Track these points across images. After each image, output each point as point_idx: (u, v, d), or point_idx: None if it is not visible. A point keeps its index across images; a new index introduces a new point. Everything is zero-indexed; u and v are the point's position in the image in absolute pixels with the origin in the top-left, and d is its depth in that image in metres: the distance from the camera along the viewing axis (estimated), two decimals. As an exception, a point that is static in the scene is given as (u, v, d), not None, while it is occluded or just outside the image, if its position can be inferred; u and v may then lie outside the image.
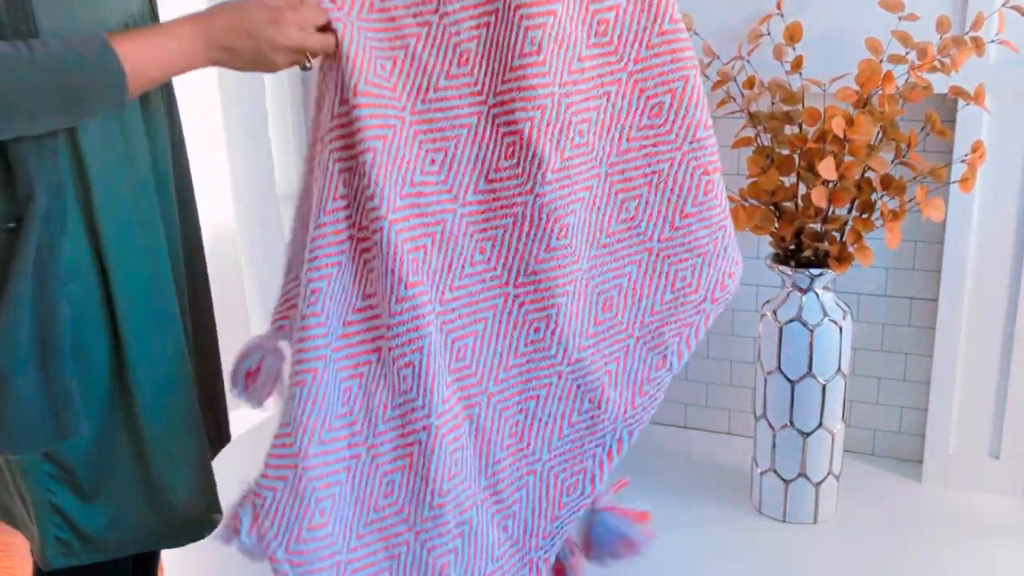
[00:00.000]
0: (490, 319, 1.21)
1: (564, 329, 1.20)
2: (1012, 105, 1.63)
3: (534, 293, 1.20)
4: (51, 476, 1.23)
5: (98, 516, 1.26)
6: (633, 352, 1.24)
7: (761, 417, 1.72)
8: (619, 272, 1.22)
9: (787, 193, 1.63)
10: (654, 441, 2.05)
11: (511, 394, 1.23)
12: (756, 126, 1.67)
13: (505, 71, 1.12)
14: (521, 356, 1.21)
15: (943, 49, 1.52)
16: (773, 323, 1.66)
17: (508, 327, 1.21)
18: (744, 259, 1.95)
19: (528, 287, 1.20)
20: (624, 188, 1.20)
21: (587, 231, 1.19)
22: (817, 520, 1.73)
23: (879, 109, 1.53)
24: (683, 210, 1.25)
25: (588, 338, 1.22)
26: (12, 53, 0.99)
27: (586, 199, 1.18)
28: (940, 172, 1.59)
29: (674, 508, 1.79)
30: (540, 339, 1.21)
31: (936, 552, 1.65)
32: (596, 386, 1.23)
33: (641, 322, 1.23)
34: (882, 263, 1.84)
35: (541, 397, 1.24)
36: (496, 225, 1.18)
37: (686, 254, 1.27)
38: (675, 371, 1.27)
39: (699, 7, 1.74)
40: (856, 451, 1.96)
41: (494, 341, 1.22)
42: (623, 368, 1.24)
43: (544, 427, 1.25)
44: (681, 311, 1.26)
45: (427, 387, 1.15)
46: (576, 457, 1.25)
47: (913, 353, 1.88)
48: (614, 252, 1.22)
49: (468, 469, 1.23)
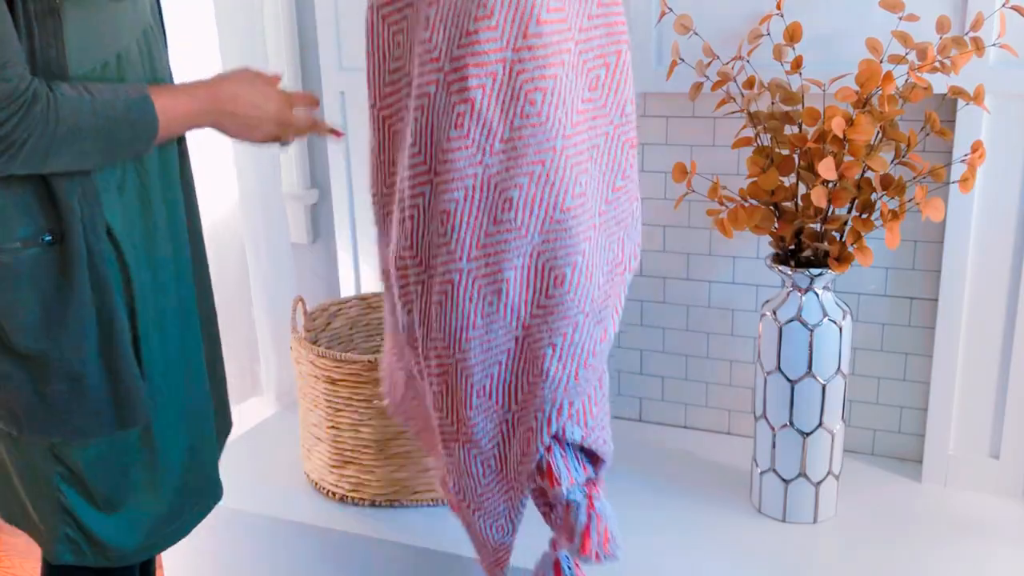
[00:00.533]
0: (449, 293, 1.22)
1: (515, 301, 1.22)
2: (1012, 105, 1.63)
3: (485, 267, 1.21)
4: (62, 478, 1.26)
5: (110, 525, 1.29)
6: (582, 327, 1.24)
7: (761, 417, 1.72)
8: (574, 249, 1.21)
9: (787, 193, 1.63)
10: (654, 441, 2.05)
11: (475, 362, 1.25)
12: (756, 126, 1.68)
13: (460, 37, 1.13)
14: (479, 328, 1.23)
15: (943, 49, 1.52)
16: (773, 323, 1.66)
17: (466, 301, 1.22)
18: (744, 259, 1.98)
19: (479, 261, 1.21)
20: (578, 162, 1.19)
21: (538, 207, 1.18)
22: (817, 520, 1.73)
23: (879, 109, 1.53)
24: (614, 183, 1.27)
25: (538, 309, 1.23)
26: (77, 97, 1.08)
27: (537, 172, 1.17)
28: (940, 172, 1.59)
29: (674, 508, 1.79)
30: (494, 311, 1.22)
31: (936, 552, 1.65)
32: (539, 355, 1.24)
33: (592, 298, 1.23)
34: (882, 263, 1.84)
35: (503, 362, 1.26)
36: (449, 199, 1.19)
37: (616, 227, 1.29)
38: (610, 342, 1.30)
39: (699, 7, 1.74)
40: (856, 451, 1.96)
41: (454, 313, 1.23)
42: (570, 342, 1.24)
43: (509, 385, 1.28)
44: (616, 281, 1.29)
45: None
46: (526, 416, 1.27)
47: (913, 353, 1.88)
48: (568, 229, 1.20)
49: (448, 415, 1.33)
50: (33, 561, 2.26)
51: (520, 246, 1.20)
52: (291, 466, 1.99)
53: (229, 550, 1.90)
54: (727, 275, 1.99)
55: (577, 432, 1.27)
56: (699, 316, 2.03)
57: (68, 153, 1.10)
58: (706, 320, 2.03)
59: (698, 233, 1.98)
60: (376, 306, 2.13)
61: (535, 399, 1.26)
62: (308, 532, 1.79)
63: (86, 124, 1.09)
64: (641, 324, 2.08)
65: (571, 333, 1.23)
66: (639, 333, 2.08)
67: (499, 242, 1.19)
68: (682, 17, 1.71)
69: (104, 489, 1.27)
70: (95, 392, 1.20)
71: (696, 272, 2.01)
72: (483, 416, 1.29)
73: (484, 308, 1.23)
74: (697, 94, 1.72)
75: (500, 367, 1.27)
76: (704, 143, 1.92)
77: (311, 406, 1.85)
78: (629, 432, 2.10)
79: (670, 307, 2.05)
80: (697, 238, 1.98)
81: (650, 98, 1.94)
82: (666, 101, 1.93)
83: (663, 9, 1.75)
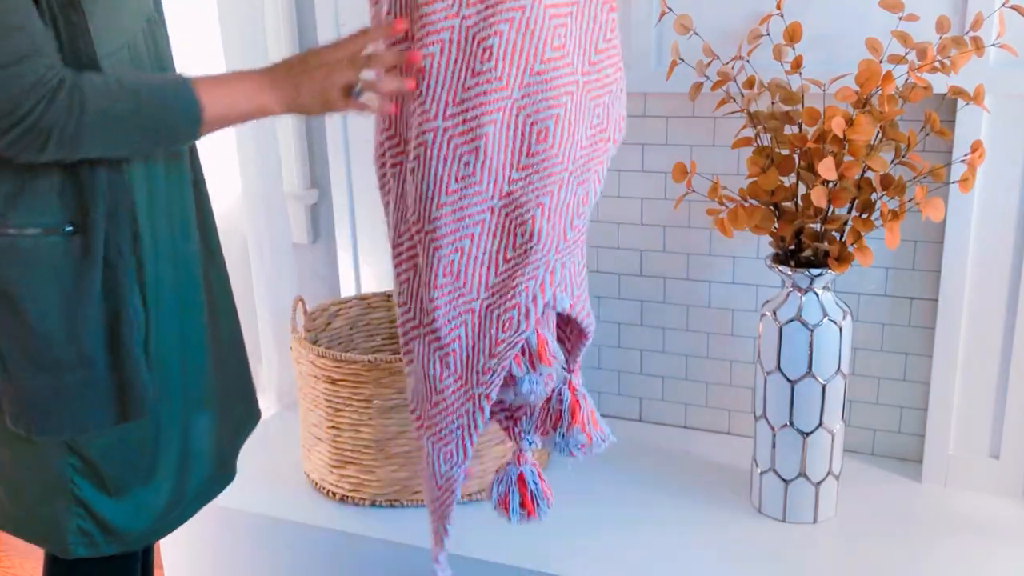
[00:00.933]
0: (422, 156, 1.19)
1: (493, 161, 1.18)
2: (1012, 105, 1.63)
3: (462, 124, 1.17)
4: (75, 469, 1.28)
5: (120, 511, 1.31)
6: (567, 185, 1.22)
7: (761, 417, 1.72)
8: (556, 102, 1.18)
9: (787, 193, 1.63)
10: (654, 441, 2.06)
11: (445, 233, 1.22)
12: (756, 126, 1.68)
13: None
14: (452, 194, 1.20)
15: (943, 49, 1.52)
16: (773, 323, 1.66)
17: (439, 163, 1.18)
18: (744, 259, 1.98)
19: (456, 119, 1.17)
20: (557, 14, 1.18)
21: (518, 56, 1.16)
22: (817, 520, 1.73)
23: (879, 109, 1.53)
24: (597, 45, 1.24)
25: (520, 170, 1.20)
26: (103, 83, 1.10)
27: (517, 19, 1.15)
28: (940, 172, 1.59)
29: (674, 508, 1.79)
30: (470, 174, 1.19)
31: (936, 552, 1.65)
32: (528, 219, 1.21)
33: (574, 156, 1.22)
34: (882, 263, 1.84)
35: (475, 235, 1.22)
36: (425, 55, 1.16)
37: (601, 91, 1.26)
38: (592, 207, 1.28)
39: (699, 7, 1.74)
40: (856, 451, 1.96)
41: (427, 178, 1.20)
42: (558, 201, 1.22)
43: (480, 265, 1.24)
44: (599, 147, 1.27)
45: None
46: (511, 293, 1.23)
47: (913, 353, 1.88)
48: (549, 81, 1.18)
49: (411, 304, 1.28)
50: (33, 561, 2.26)
51: (500, 100, 1.16)
52: (291, 466, 1.99)
53: (229, 550, 1.90)
54: (727, 275, 1.99)
55: (565, 300, 1.25)
56: (699, 316, 2.03)
57: (100, 139, 1.11)
58: (706, 320, 2.03)
59: (698, 233, 1.98)
60: (376, 306, 2.14)
61: (522, 269, 1.22)
62: (308, 532, 1.79)
63: (116, 110, 1.10)
64: (641, 324, 2.08)
65: (557, 191, 1.21)
66: (639, 333, 2.09)
67: (477, 95, 1.16)
68: (682, 17, 1.71)
69: (114, 476, 1.28)
70: (104, 383, 1.22)
71: (696, 272, 2.01)
72: (447, 299, 1.24)
73: (459, 170, 1.18)
74: (697, 94, 1.72)
75: (471, 242, 1.22)
76: (704, 143, 1.92)
77: (311, 406, 1.85)
78: (629, 432, 2.10)
79: (670, 307, 2.05)
80: (697, 238, 1.98)
81: (650, 98, 1.94)
82: (666, 101, 1.93)
83: (663, 9, 1.75)
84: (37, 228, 1.15)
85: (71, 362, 1.20)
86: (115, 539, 1.31)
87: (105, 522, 1.30)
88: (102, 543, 1.31)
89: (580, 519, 1.76)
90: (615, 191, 2.02)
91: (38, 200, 1.15)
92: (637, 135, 1.97)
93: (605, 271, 2.08)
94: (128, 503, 1.31)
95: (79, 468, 1.27)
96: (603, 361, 2.14)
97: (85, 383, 1.22)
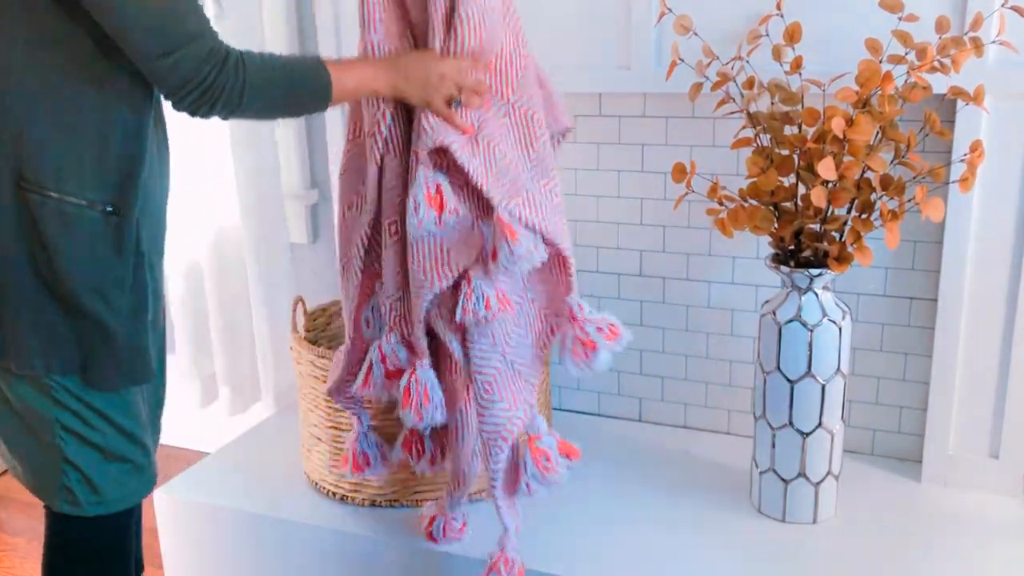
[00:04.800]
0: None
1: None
2: (1012, 105, 1.64)
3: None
4: (65, 428, 1.38)
5: (107, 474, 1.41)
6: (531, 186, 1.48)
7: (760, 417, 1.72)
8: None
9: (786, 193, 1.63)
10: (654, 441, 2.06)
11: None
12: (755, 126, 1.68)
13: None
14: None
15: (943, 49, 1.52)
16: (772, 323, 1.67)
17: None
18: (743, 259, 1.98)
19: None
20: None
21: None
22: (816, 520, 1.73)
23: (879, 109, 1.53)
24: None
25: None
26: (260, 56, 1.33)
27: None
28: (939, 172, 1.59)
29: (674, 508, 1.79)
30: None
31: (936, 552, 1.65)
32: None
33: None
34: (881, 263, 1.84)
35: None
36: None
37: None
38: None
39: (699, 7, 1.74)
40: (855, 451, 1.96)
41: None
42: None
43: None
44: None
45: None
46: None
47: (913, 353, 1.88)
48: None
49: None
50: (33, 561, 2.26)
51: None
52: (291, 466, 1.99)
53: (229, 550, 1.90)
54: (727, 275, 1.99)
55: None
56: (699, 316, 2.03)
57: (257, 102, 1.32)
58: (706, 320, 2.03)
59: (698, 233, 1.98)
60: (376, 306, 2.13)
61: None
62: (308, 532, 1.79)
63: (272, 78, 1.33)
64: (641, 324, 2.08)
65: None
66: (639, 333, 2.08)
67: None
68: (682, 17, 1.71)
69: (104, 437, 1.40)
70: (122, 348, 1.37)
71: (696, 272, 2.01)
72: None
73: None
74: (697, 94, 1.72)
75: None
76: (704, 143, 1.92)
77: (311, 406, 1.85)
78: (629, 432, 2.10)
79: (670, 307, 2.05)
80: (697, 238, 1.98)
81: (650, 98, 1.94)
82: (666, 101, 1.93)
83: (663, 9, 1.75)
84: (82, 199, 1.30)
85: (98, 327, 1.34)
86: (98, 500, 1.41)
87: (89, 479, 1.39)
88: (84, 504, 1.40)
89: (580, 519, 1.76)
90: (615, 191, 2.02)
91: (87, 173, 1.30)
92: (637, 135, 1.97)
93: (605, 271, 2.08)
94: (115, 465, 1.41)
95: (68, 427, 1.37)
96: (603, 361, 2.14)
97: (105, 347, 1.36)
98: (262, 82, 1.31)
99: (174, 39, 1.24)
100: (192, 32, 1.26)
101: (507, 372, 1.49)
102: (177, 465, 2.68)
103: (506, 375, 1.48)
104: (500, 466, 1.49)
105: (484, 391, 1.47)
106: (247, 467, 2.02)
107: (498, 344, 1.47)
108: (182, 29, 1.25)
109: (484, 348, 1.47)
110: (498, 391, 1.47)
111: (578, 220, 2.07)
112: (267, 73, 1.32)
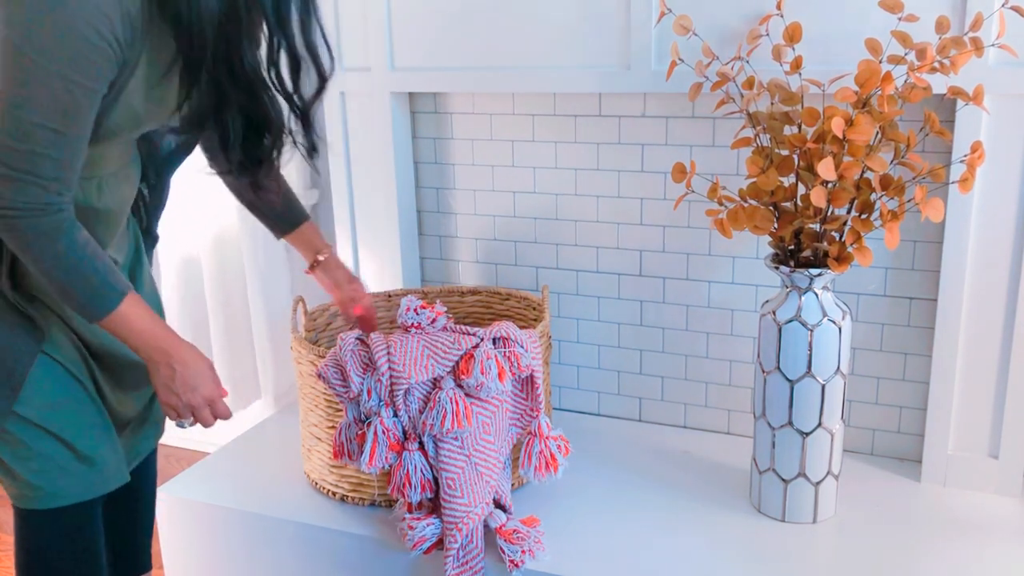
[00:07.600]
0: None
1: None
2: (1011, 105, 1.64)
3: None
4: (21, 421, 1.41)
5: (29, 469, 1.44)
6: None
7: (760, 417, 1.73)
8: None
9: (786, 193, 1.63)
10: (654, 441, 2.06)
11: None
12: (755, 126, 1.68)
13: None
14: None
15: (942, 50, 1.52)
16: (772, 323, 1.67)
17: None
18: (743, 259, 1.98)
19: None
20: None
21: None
22: (816, 520, 1.73)
23: (878, 109, 1.53)
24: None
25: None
26: (83, 242, 1.29)
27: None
28: (939, 172, 1.59)
29: (674, 508, 1.80)
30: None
31: (936, 552, 1.65)
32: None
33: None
34: (881, 263, 1.84)
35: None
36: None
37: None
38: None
39: (699, 7, 1.74)
40: (855, 451, 1.96)
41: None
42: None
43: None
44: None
45: None
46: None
47: (912, 353, 1.88)
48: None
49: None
50: (33, 561, 2.26)
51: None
52: (291, 466, 1.99)
53: (229, 550, 1.90)
54: (726, 275, 1.99)
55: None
56: (698, 316, 2.03)
57: (34, 263, 1.27)
58: (705, 320, 2.03)
59: (698, 233, 1.98)
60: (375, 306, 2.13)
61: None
62: (308, 532, 1.79)
63: (62, 263, 1.27)
64: (641, 324, 2.08)
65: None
66: (639, 333, 2.09)
67: None
68: (682, 17, 1.71)
69: (73, 435, 1.45)
70: None
71: (696, 272, 2.01)
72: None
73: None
74: (697, 94, 1.72)
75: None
76: (704, 143, 1.92)
77: (311, 406, 1.85)
78: (629, 432, 2.10)
79: (670, 307, 2.05)
80: (697, 238, 1.99)
81: (650, 98, 1.94)
82: (666, 101, 1.93)
83: (663, 9, 1.75)
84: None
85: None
86: (36, 495, 1.44)
87: (15, 475, 1.43)
88: (26, 498, 1.44)
89: (580, 519, 1.76)
90: (615, 191, 2.02)
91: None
92: (637, 135, 1.97)
93: (605, 271, 2.08)
94: (34, 461, 1.43)
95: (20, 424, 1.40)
96: (603, 361, 2.14)
97: None
98: (51, 257, 1.27)
99: (20, 163, 1.20)
100: (42, 172, 1.22)
101: (470, 472, 1.64)
102: (177, 465, 2.68)
103: (468, 475, 1.64)
104: (453, 549, 1.62)
105: (447, 485, 1.64)
106: (247, 467, 2.02)
107: (465, 448, 1.64)
108: (31, 162, 1.21)
109: (452, 449, 1.64)
110: (459, 488, 1.63)
111: (578, 220, 2.07)
112: (63, 259, 1.27)
